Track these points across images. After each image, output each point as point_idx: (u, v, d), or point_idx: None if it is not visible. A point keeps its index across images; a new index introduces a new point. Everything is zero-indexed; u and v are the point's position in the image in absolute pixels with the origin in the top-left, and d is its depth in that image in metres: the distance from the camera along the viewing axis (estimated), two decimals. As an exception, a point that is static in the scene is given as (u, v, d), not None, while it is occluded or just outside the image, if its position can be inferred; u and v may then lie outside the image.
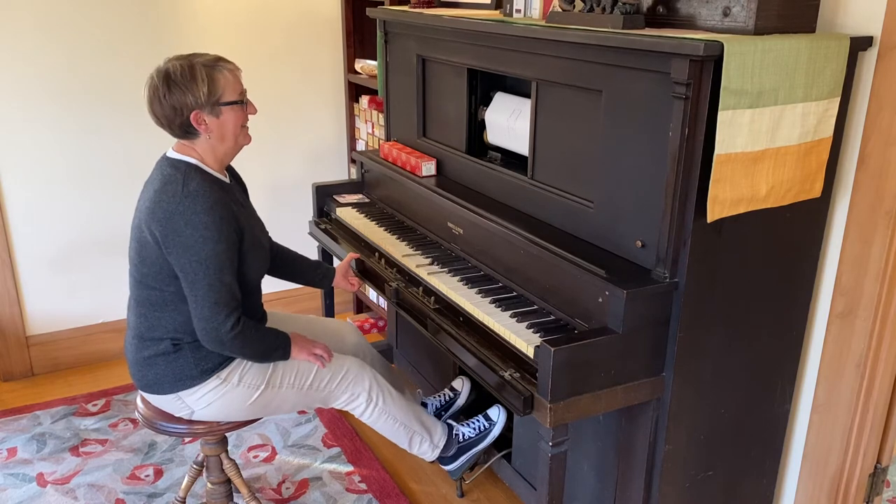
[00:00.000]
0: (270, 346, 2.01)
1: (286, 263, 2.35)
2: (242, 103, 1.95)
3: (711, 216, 1.62)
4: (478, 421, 2.33)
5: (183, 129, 1.91)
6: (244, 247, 1.94)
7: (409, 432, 2.22)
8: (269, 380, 2.05)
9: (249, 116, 1.99)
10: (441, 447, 2.26)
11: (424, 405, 2.47)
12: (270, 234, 2.33)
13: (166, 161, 1.95)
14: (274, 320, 2.23)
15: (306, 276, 2.40)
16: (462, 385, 2.52)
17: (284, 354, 2.05)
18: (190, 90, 1.85)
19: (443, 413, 2.47)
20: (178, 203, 1.84)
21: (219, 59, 1.92)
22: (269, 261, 2.11)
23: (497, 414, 2.32)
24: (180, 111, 1.87)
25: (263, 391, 2.04)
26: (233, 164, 2.26)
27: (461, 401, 2.49)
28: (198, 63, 1.87)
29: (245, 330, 1.92)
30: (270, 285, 3.47)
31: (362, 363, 2.20)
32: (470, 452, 2.28)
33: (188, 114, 1.87)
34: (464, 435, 2.30)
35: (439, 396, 2.51)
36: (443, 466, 2.31)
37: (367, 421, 2.19)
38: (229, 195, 1.95)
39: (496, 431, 2.30)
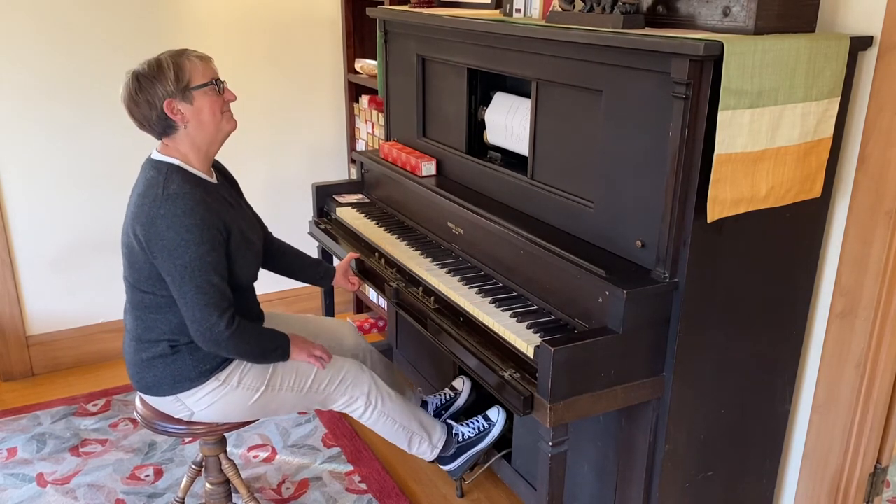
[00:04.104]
0: (269, 345, 2.01)
1: (287, 259, 2.35)
2: (214, 85, 1.92)
3: (711, 216, 1.62)
4: (477, 421, 2.33)
5: (162, 124, 1.90)
6: (231, 246, 1.93)
7: (408, 433, 2.22)
8: (268, 382, 2.04)
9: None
10: (440, 447, 2.26)
11: (425, 404, 2.47)
12: (271, 232, 2.34)
13: (150, 163, 1.94)
14: (272, 320, 2.23)
15: (306, 273, 2.41)
16: (462, 385, 2.52)
17: (283, 355, 2.04)
18: (158, 80, 1.85)
19: (443, 412, 2.46)
20: (158, 206, 1.83)
21: (185, 50, 1.92)
22: (260, 260, 2.10)
23: (497, 415, 2.33)
24: (154, 104, 1.86)
25: (263, 393, 2.04)
26: (231, 162, 2.25)
27: (461, 401, 2.49)
28: (163, 56, 1.89)
29: (240, 329, 1.91)
30: (270, 285, 3.49)
31: (361, 366, 2.20)
32: (469, 452, 2.28)
33: (161, 104, 1.86)
34: (463, 435, 2.30)
35: (440, 395, 2.51)
36: (442, 467, 2.31)
37: (366, 423, 2.19)
38: (213, 195, 1.93)
39: (496, 432, 2.30)
